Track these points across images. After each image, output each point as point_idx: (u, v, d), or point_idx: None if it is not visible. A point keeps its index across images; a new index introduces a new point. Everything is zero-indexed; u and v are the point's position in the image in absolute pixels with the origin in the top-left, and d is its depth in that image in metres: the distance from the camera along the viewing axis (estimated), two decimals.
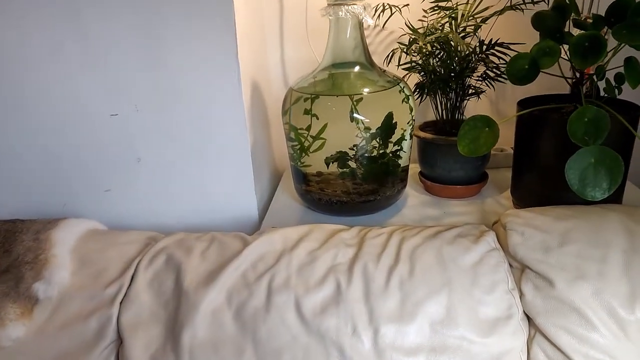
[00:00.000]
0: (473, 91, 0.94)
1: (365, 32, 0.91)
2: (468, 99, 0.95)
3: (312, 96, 0.86)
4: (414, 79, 0.98)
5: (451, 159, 0.93)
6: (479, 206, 0.93)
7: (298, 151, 0.90)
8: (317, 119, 0.86)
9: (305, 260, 0.72)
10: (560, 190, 0.80)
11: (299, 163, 0.90)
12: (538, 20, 0.78)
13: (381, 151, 0.87)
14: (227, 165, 0.93)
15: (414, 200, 0.97)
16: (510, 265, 0.69)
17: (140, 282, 0.73)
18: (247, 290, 0.69)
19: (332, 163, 0.87)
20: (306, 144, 0.88)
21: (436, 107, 0.98)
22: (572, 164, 0.67)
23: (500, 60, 0.92)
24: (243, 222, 0.97)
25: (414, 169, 1.04)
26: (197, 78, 0.87)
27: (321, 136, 0.87)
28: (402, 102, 0.88)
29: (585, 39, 0.70)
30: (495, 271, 0.67)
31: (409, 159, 0.94)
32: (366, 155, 0.86)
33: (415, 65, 0.96)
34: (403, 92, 0.88)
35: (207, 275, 0.72)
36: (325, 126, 0.85)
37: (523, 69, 0.75)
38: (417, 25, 0.95)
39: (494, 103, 1.13)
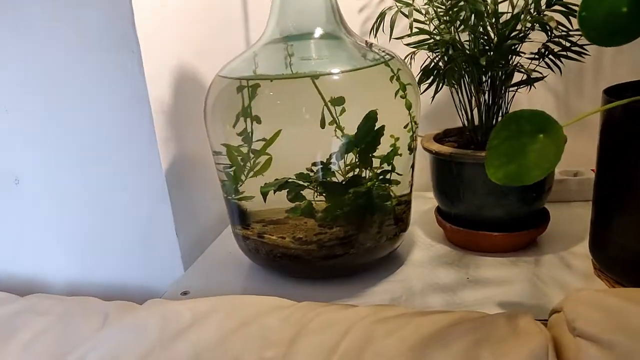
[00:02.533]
0: (524, 76, 0.57)
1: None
2: (516, 90, 0.58)
3: (250, 84, 0.53)
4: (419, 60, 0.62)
5: (483, 188, 0.56)
6: (530, 270, 0.55)
7: (232, 176, 0.56)
8: (259, 122, 0.53)
9: None
10: None
11: (233, 194, 0.57)
12: None
13: (357, 172, 0.52)
14: (132, 191, 0.62)
15: (422, 253, 0.61)
16: None
17: None
18: None
19: (275, 192, 0.53)
20: (245, 164, 0.55)
21: (461, 105, 0.61)
22: None
23: (570, 21, 0.55)
24: (159, 280, 0.65)
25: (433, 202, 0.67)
26: (77, 60, 0.58)
27: (267, 151, 0.53)
28: (397, 94, 0.53)
29: None
30: None
31: (410, 186, 0.58)
32: (331, 180, 0.52)
33: (423, 39, 0.60)
34: (397, 77, 0.53)
35: None
36: (277, 134, 0.52)
37: (618, 14, 0.38)
38: None
39: (561, 97, 0.74)
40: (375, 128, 0.51)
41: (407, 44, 0.61)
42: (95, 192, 0.63)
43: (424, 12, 0.58)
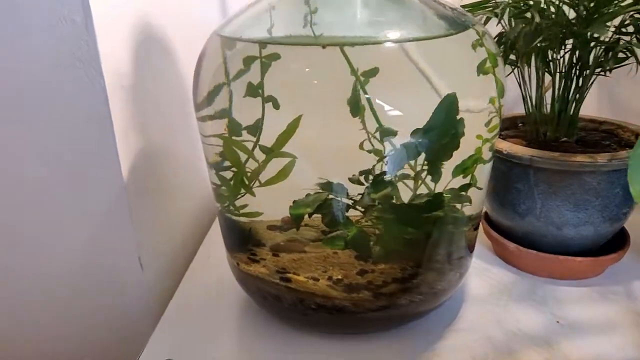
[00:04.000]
0: (624, 54, 0.44)
1: None
2: (606, 72, 0.45)
3: (262, 48, 0.35)
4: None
5: (569, 202, 0.43)
6: (626, 306, 0.43)
7: (230, 184, 0.38)
8: (277, 107, 0.35)
9: None
10: None
11: (231, 207, 0.39)
12: None
13: (425, 189, 0.36)
14: (78, 204, 0.42)
15: (480, 283, 0.47)
16: None
17: None
18: None
19: (310, 216, 0.36)
20: (249, 167, 0.37)
21: (527, 88, 0.47)
22: None
23: None
24: (121, 333, 0.46)
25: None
26: None
27: (283, 150, 0.35)
28: (479, 73, 0.37)
29: None
30: None
31: (483, 203, 0.43)
32: (390, 198, 0.36)
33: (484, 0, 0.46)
34: (481, 43, 0.37)
35: None
36: (296, 122, 0.34)
37: None
38: None
39: (609, 94, 0.63)
40: (456, 121, 0.36)
41: (464, 6, 0.45)
42: (25, 205, 0.42)
43: None
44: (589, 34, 0.41)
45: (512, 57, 0.46)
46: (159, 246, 0.47)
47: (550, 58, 0.45)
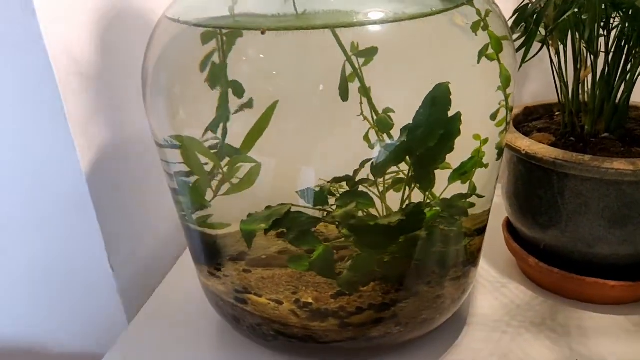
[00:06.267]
0: None
1: None
2: None
3: (223, 33, 0.29)
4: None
5: (603, 215, 0.35)
6: None
7: (190, 189, 0.34)
8: (240, 93, 0.29)
9: None
10: None
11: (192, 217, 0.35)
12: None
13: (410, 201, 0.30)
14: (36, 209, 0.39)
15: (490, 301, 0.40)
16: None
17: None
18: None
19: (266, 233, 0.31)
20: (212, 173, 0.32)
21: (561, 72, 0.39)
22: None
23: None
24: (90, 340, 0.43)
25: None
26: None
27: (249, 155, 0.30)
28: (481, 57, 0.29)
29: None
30: None
31: (489, 212, 0.36)
32: (350, 217, 0.29)
33: None
34: (485, 25, 0.30)
35: None
36: (263, 121, 0.29)
37: None
38: None
39: None
40: (449, 116, 0.29)
41: None
42: None
43: None
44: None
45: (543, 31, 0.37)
46: (132, 248, 0.44)
47: (589, 34, 0.36)
